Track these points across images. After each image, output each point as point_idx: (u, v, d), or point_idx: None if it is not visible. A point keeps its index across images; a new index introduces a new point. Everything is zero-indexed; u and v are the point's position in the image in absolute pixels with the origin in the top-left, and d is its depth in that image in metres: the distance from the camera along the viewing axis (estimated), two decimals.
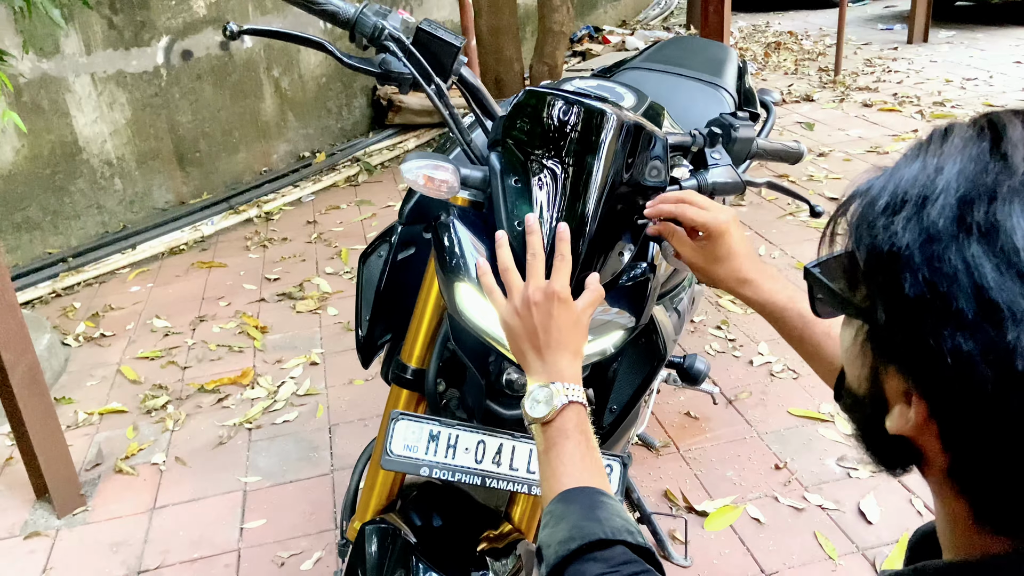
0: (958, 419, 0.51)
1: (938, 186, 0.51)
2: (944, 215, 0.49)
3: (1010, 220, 0.47)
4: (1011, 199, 0.48)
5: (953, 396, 0.50)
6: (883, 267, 0.52)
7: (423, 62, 1.14)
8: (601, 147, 1.02)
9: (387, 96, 5.14)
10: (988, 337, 0.47)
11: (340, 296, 3.34)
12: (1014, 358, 0.46)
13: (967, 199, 0.49)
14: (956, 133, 0.54)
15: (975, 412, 0.49)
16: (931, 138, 0.55)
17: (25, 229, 3.69)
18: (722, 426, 2.41)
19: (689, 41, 2.42)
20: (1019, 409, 0.47)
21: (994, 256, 0.47)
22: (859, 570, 1.88)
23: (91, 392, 2.81)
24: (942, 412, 0.52)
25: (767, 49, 7.29)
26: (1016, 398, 0.47)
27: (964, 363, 0.48)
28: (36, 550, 2.13)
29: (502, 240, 0.99)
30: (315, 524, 2.13)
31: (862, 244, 0.54)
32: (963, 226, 0.49)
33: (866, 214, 0.54)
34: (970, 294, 0.47)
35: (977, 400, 0.49)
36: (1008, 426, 0.48)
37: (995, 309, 0.47)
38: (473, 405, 1.20)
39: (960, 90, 5.49)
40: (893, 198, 0.53)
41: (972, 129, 0.53)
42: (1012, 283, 0.46)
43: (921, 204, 0.51)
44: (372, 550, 1.15)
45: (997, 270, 0.47)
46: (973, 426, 0.50)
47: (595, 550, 0.77)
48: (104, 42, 3.84)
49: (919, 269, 0.50)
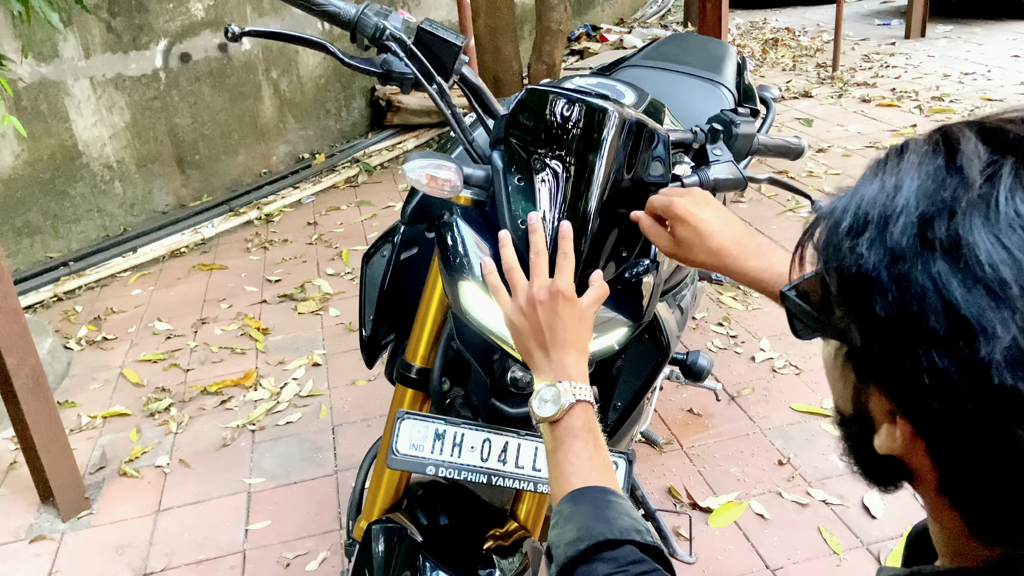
0: (943, 436, 0.51)
1: (898, 205, 0.50)
2: (907, 234, 0.49)
3: (972, 235, 0.47)
4: (970, 213, 0.48)
5: (935, 414, 0.50)
6: (853, 289, 0.52)
7: (424, 62, 1.14)
8: (603, 145, 1.02)
9: (386, 97, 5.14)
10: (962, 353, 0.46)
11: (341, 297, 3.34)
12: (990, 373, 0.46)
13: (927, 216, 0.49)
14: (912, 149, 0.53)
15: (959, 428, 0.49)
16: (888, 156, 0.55)
17: (26, 233, 3.69)
18: (725, 422, 2.41)
19: (688, 38, 2.43)
20: (1001, 423, 0.47)
21: (959, 272, 0.47)
22: (864, 564, 1.89)
23: (94, 395, 2.82)
24: (926, 430, 0.51)
25: (765, 46, 7.28)
26: (997, 412, 0.47)
27: (942, 381, 0.48)
28: (41, 554, 2.13)
29: (506, 239, 1.00)
30: (320, 525, 2.14)
31: (830, 267, 0.54)
32: (926, 244, 0.48)
33: (831, 237, 0.54)
34: (940, 312, 0.47)
35: (959, 416, 0.48)
36: (992, 440, 0.48)
37: (966, 325, 0.46)
38: (478, 403, 1.20)
39: (958, 85, 5.50)
40: (855, 220, 0.52)
41: (927, 144, 0.53)
42: (980, 298, 0.46)
43: (883, 224, 0.51)
44: (379, 549, 1.16)
45: (964, 286, 0.47)
46: (959, 442, 0.50)
47: (604, 550, 0.77)
48: (103, 46, 3.84)
49: (888, 289, 0.49)
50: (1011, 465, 0.48)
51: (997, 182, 0.48)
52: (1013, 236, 0.46)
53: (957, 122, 0.54)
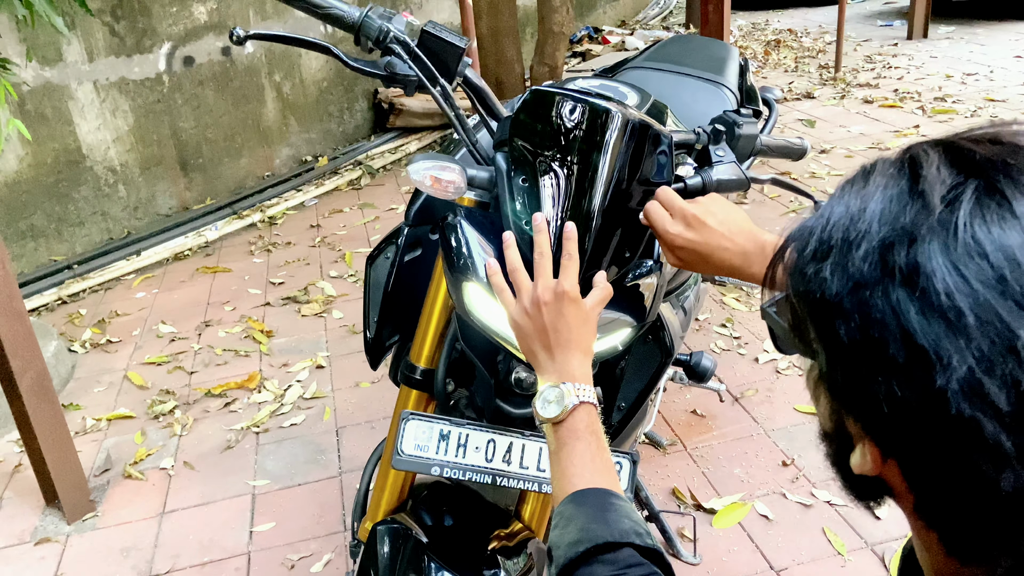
0: (909, 460, 0.51)
1: (861, 229, 0.50)
2: (868, 260, 0.49)
3: (930, 262, 0.46)
4: (930, 240, 0.47)
5: (898, 440, 0.50)
6: (818, 313, 0.52)
7: (428, 64, 1.15)
8: (607, 146, 1.03)
9: (388, 99, 5.15)
10: (920, 382, 0.46)
11: (345, 299, 3.34)
12: (947, 402, 0.45)
13: (888, 242, 0.48)
14: (879, 171, 0.53)
15: (922, 455, 0.49)
16: (856, 176, 0.55)
17: (30, 237, 3.70)
18: (729, 424, 2.41)
19: (690, 40, 2.43)
20: (962, 452, 0.46)
21: (917, 300, 0.46)
22: (868, 565, 1.88)
23: (99, 398, 2.82)
24: (893, 454, 0.51)
25: (767, 47, 7.29)
26: (956, 442, 0.46)
27: (900, 408, 0.48)
28: (46, 556, 2.14)
29: (510, 241, 1.00)
30: (324, 526, 2.14)
31: (798, 291, 0.54)
32: (886, 270, 0.48)
33: (798, 261, 0.54)
34: (899, 340, 0.47)
35: (921, 444, 0.48)
36: (955, 468, 0.47)
37: (923, 354, 0.46)
38: (482, 404, 1.21)
39: (961, 85, 5.49)
40: (820, 244, 0.52)
41: (893, 166, 0.52)
42: (936, 327, 0.46)
43: (847, 249, 0.50)
44: (384, 550, 1.16)
45: (921, 314, 0.46)
46: (925, 467, 0.50)
47: (603, 552, 0.77)
48: (106, 49, 3.85)
49: (851, 316, 0.49)
50: (978, 493, 0.47)
51: (958, 207, 0.47)
52: (971, 264, 0.46)
53: (927, 141, 0.53)
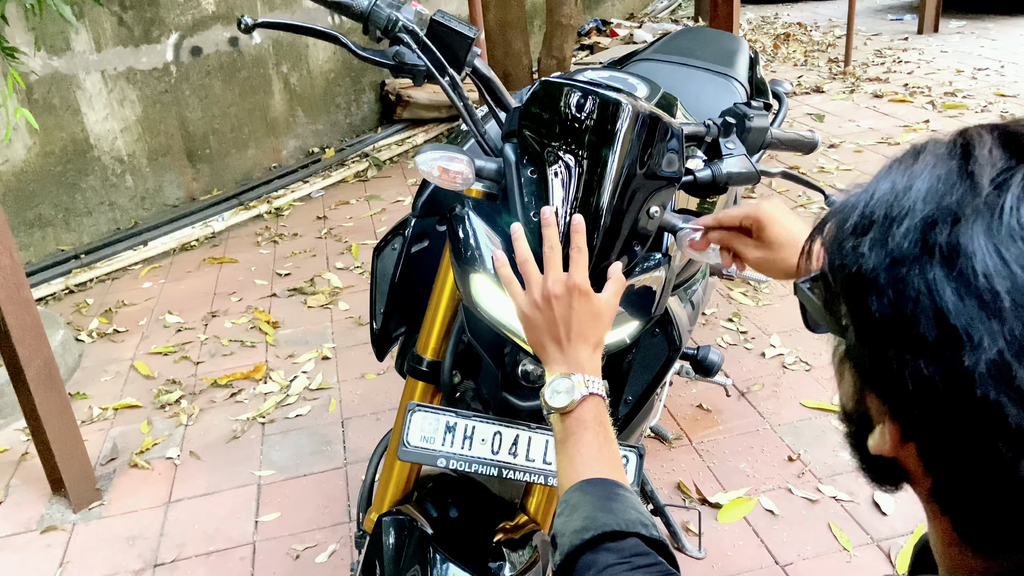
0: (929, 442, 0.50)
1: (904, 206, 0.50)
2: (909, 237, 0.49)
3: (971, 243, 0.46)
4: (974, 221, 0.47)
5: (920, 420, 0.50)
6: (852, 288, 0.52)
7: (437, 54, 1.14)
8: (617, 138, 1.02)
9: (395, 91, 5.14)
10: (948, 362, 0.46)
11: (351, 291, 3.34)
12: (973, 384, 0.45)
13: (931, 220, 0.48)
14: (929, 150, 0.53)
15: (943, 437, 0.49)
16: (905, 154, 0.54)
17: (38, 226, 3.71)
18: (735, 418, 2.41)
19: (700, 32, 2.41)
20: (984, 437, 0.46)
21: (954, 280, 0.46)
22: (874, 561, 1.88)
23: (105, 387, 2.83)
24: (913, 435, 0.51)
25: (776, 41, 7.25)
26: (979, 425, 0.46)
27: (925, 387, 0.48)
28: (52, 544, 2.15)
29: (518, 233, 0.99)
30: (329, 517, 2.14)
31: (834, 265, 0.54)
32: (926, 248, 0.48)
33: (837, 235, 0.54)
34: (931, 318, 0.47)
35: (943, 425, 0.48)
36: (976, 453, 0.47)
37: (954, 333, 0.46)
38: (489, 396, 1.20)
39: (971, 80, 5.46)
40: (862, 219, 0.52)
41: (945, 147, 0.52)
42: (970, 308, 0.45)
43: (888, 225, 0.50)
44: (390, 541, 1.16)
45: (956, 294, 0.46)
46: (944, 450, 0.50)
47: (608, 541, 0.77)
48: (114, 39, 3.85)
49: (884, 291, 0.49)
50: (996, 479, 0.47)
51: (1005, 190, 0.47)
52: (1012, 248, 0.45)
53: (982, 124, 0.53)
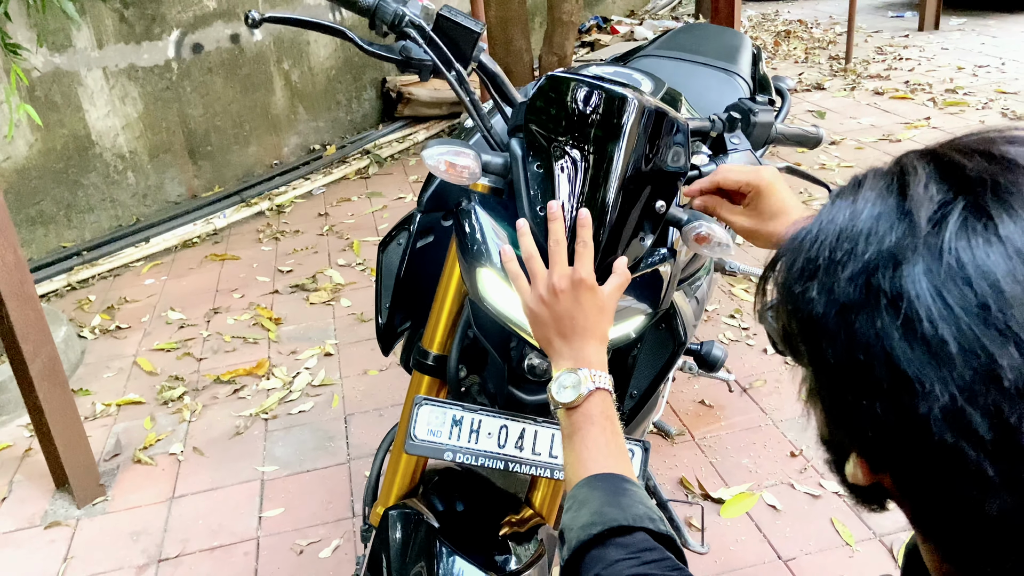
0: (901, 477, 0.50)
1: (846, 249, 0.49)
2: (854, 283, 0.48)
3: (914, 287, 0.45)
4: (914, 263, 0.46)
5: (885, 459, 0.50)
6: (806, 332, 0.51)
7: (443, 49, 1.14)
8: (623, 132, 1.02)
9: (396, 88, 5.14)
10: (903, 407, 0.46)
11: (353, 288, 3.35)
12: (930, 429, 0.45)
13: (873, 265, 0.47)
14: (867, 185, 0.52)
15: (908, 474, 0.49)
16: (845, 189, 0.53)
17: (40, 223, 3.71)
18: (737, 414, 2.41)
19: (703, 28, 2.42)
20: (948, 476, 0.46)
21: (901, 327, 0.45)
22: (876, 556, 1.88)
23: (108, 384, 2.83)
24: (883, 470, 0.51)
25: (777, 38, 7.25)
26: (941, 466, 0.46)
27: (886, 432, 0.47)
28: (57, 540, 2.15)
29: (524, 228, 0.99)
30: (333, 512, 2.15)
31: (787, 308, 0.53)
32: (871, 294, 0.47)
33: (787, 279, 0.53)
34: (883, 364, 0.46)
35: (908, 465, 0.48)
36: (943, 490, 0.47)
37: (906, 380, 0.45)
38: (495, 391, 1.21)
39: (972, 77, 5.46)
40: (808, 262, 0.51)
41: (883, 180, 0.51)
42: (920, 354, 0.45)
43: (833, 270, 0.49)
44: (396, 535, 1.16)
45: (905, 340, 0.45)
46: (915, 485, 0.49)
47: (616, 536, 0.77)
48: (116, 36, 3.85)
49: (836, 337, 0.49)
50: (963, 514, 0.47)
51: (944, 229, 0.46)
52: (954, 290, 0.44)
53: (918, 152, 0.52)
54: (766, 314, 0.58)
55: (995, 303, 0.44)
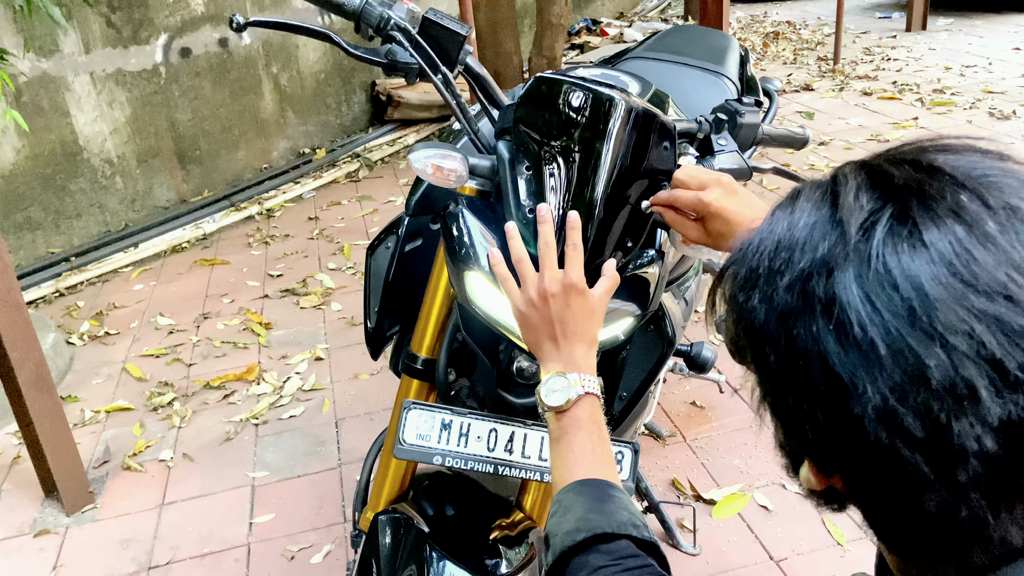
0: (847, 478, 0.52)
1: (783, 259, 0.51)
2: (791, 291, 0.50)
3: (845, 293, 0.47)
4: (845, 269, 0.48)
5: (829, 461, 0.51)
6: (751, 340, 0.53)
7: (429, 52, 1.14)
8: (611, 134, 1.02)
9: (386, 91, 5.13)
10: (839, 410, 0.47)
11: (343, 292, 3.34)
12: (865, 429, 0.46)
13: (807, 273, 0.49)
14: (804, 196, 0.54)
15: (852, 476, 0.50)
16: (785, 200, 0.55)
17: (27, 229, 3.69)
18: (728, 415, 2.41)
19: (690, 30, 2.42)
20: (884, 475, 0.47)
21: (834, 331, 0.47)
22: (867, 555, 1.88)
23: (97, 390, 2.82)
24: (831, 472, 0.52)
25: (766, 39, 7.27)
26: (878, 465, 0.47)
27: (824, 433, 0.49)
28: (46, 548, 2.14)
29: (513, 232, 0.99)
30: (324, 518, 2.14)
31: (733, 317, 0.55)
32: (807, 301, 0.49)
33: (732, 289, 0.55)
34: (820, 369, 0.48)
35: (850, 466, 0.49)
36: (884, 488, 0.48)
37: (840, 383, 0.47)
38: (484, 394, 1.20)
39: (959, 77, 5.49)
40: (750, 272, 0.53)
41: (818, 191, 0.53)
42: (852, 357, 0.47)
43: (771, 279, 0.51)
44: (386, 540, 1.16)
45: (838, 344, 0.47)
46: (860, 485, 0.51)
47: (600, 543, 0.78)
48: (103, 40, 3.83)
49: (777, 344, 0.50)
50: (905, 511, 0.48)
51: (872, 236, 0.48)
52: (882, 294, 0.46)
53: (853, 163, 0.53)
54: (721, 324, 0.60)
55: (920, 306, 0.45)
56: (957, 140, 0.52)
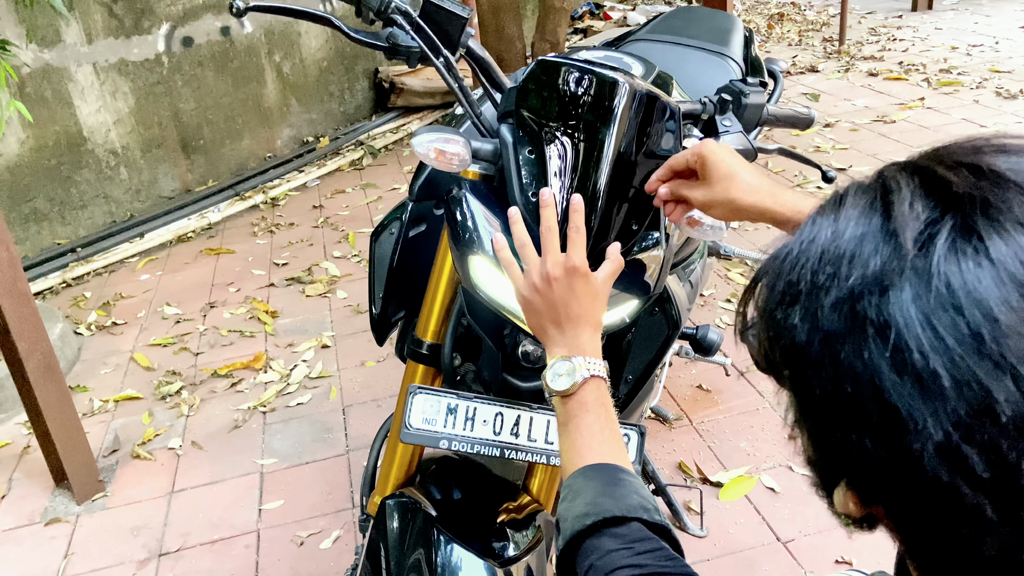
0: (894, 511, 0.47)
1: (829, 273, 0.46)
2: (838, 310, 0.45)
3: (901, 315, 0.42)
4: (902, 289, 0.43)
5: (876, 494, 0.47)
6: (789, 359, 0.48)
7: (431, 35, 1.13)
8: (614, 116, 1.02)
9: (389, 78, 5.11)
10: (895, 444, 0.43)
11: (349, 279, 3.34)
12: (923, 466, 0.42)
13: (858, 292, 0.44)
14: (849, 202, 0.48)
15: (901, 510, 0.46)
16: (827, 205, 0.50)
17: (33, 220, 3.70)
18: (734, 398, 2.41)
19: (694, 11, 2.40)
20: (941, 514, 0.43)
21: (889, 357, 0.42)
22: (874, 537, 1.88)
23: (105, 380, 2.83)
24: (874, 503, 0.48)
25: (770, 20, 7.22)
26: (935, 504, 0.43)
27: (877, 468, 0.45)
28: (57, 536, 2.15)
29: (516, 216, 0.98)
30: (332, 504, 2.15)
31: (769, 335, 0.50)
32: (857, 323, 0.44)
33: (767, 303, 0.50)
34: (871, 397, 0.43)
35: (901, 500, 0.45)
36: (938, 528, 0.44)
37: (896, 415, 0.42)
38: (489, 378, 1.20)
39: (966, 57, 5.44)
40: (789, 286, 0.48)
41: (865, 196, 0.48)
42: (910, 387, 0.42)
43: (815, 295, 0.46)
44: (394, 524, 1.16)
45: (895, 372, 0.42)
46: (906, 521, 0.47)
47: (611, 526, 0.77)
48: (105, 31, 3.83)
49: (822, 367, 0.46)
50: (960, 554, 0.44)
51: (932, 251, 0.43)
52: (944, 317, 0.41)
53: (901, 165, 0.48)
54: (747, 334, 0.55)
55: (989, 332, 0.40)
56: (1015, 140, 0.47)
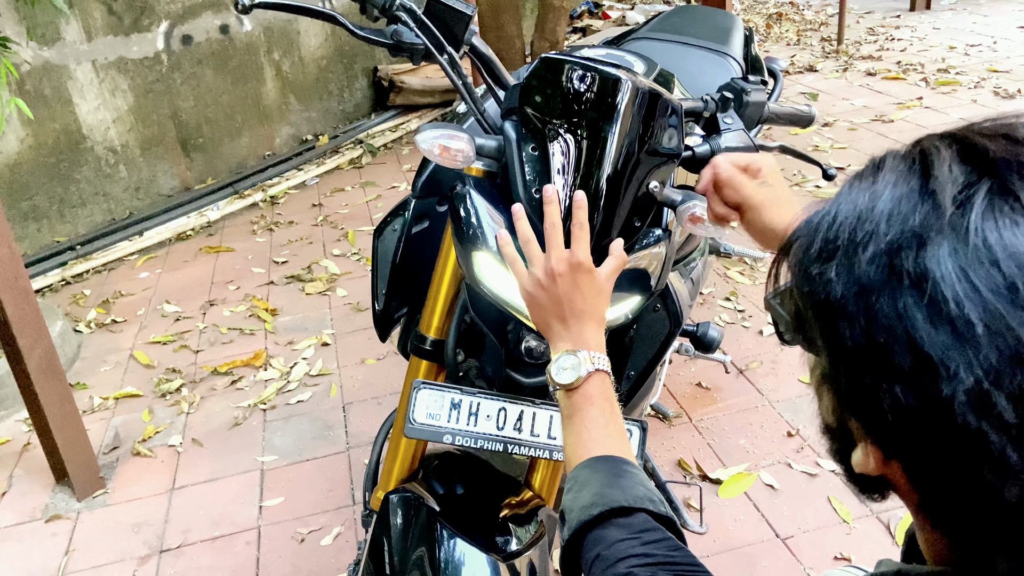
0: (913, 465, 0.50)
1: (868, 230, 0.49)
2: (875, 263, 0.47)
3: (939, 268, 0.45)
4: (939, 243, 0.45)
5: (902, 444, 0.49)
6: (822, 315, 0.51)
7: (435, 32, 1.14)
8: (617, 114, 1.02)
9: (388, 77, 5.11)
10: (925, 391, 0.45)
11: (349, 277, 3.34)
12: (953, 412, 0.44)
13: (895, 246, 0.47)
14: (888, 166, 0.51)
15: (926, 461, 0.48)
16: (864, 171, 0.53)
17: (32, 218, 3.70)
18: (734, 396, 2.42)
19: (695, 10, 2.41)
20: (968, 462, 0.45)
21: (925, 307, 0.45)
22: (874, 532, 1.90)
23: (105, 377, 2.83)
24: (896, 457, 0.50)
25: (769, 20, 7.23)
26: (962, 452, 0.45)
27: (905, 415, 0.47)
28: (58, 533, 2.16)
29: (520, 213, 0.99)
30: (333, 501, 2.16)
31: (802, 291, 0.52)
32: (894, 275, 0.46)
33: (802, 260, 0.53)
34: (905, 347, 0.45)
35: (926, 449, 0.47)
36: (961, 475, 0.46)
37: (929, 363, 0.45)
38: (492, 374, 1.21)
39: (964, 57, 5.46)
40: (826, 243, 0.51)
41: (904, 162, 0.51)
42: (944, 336, 0.44)
43: (853, 250, 0.49)
44: (397, 519, 1.17)
45: (929, 322, 0.45)
46: (928, 473, 0.49)
47: (617, 517, 0.78)
48: (104, 28, 3.83)
49: (855, 319, 0.48)
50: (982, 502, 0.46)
51: (969, 209, 0.45)
52: (980, 270, 0.44)
53: (938, 135, 0.51)
54: (774, 301, 0.58)
55: (1023, 284, 0.43)
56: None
